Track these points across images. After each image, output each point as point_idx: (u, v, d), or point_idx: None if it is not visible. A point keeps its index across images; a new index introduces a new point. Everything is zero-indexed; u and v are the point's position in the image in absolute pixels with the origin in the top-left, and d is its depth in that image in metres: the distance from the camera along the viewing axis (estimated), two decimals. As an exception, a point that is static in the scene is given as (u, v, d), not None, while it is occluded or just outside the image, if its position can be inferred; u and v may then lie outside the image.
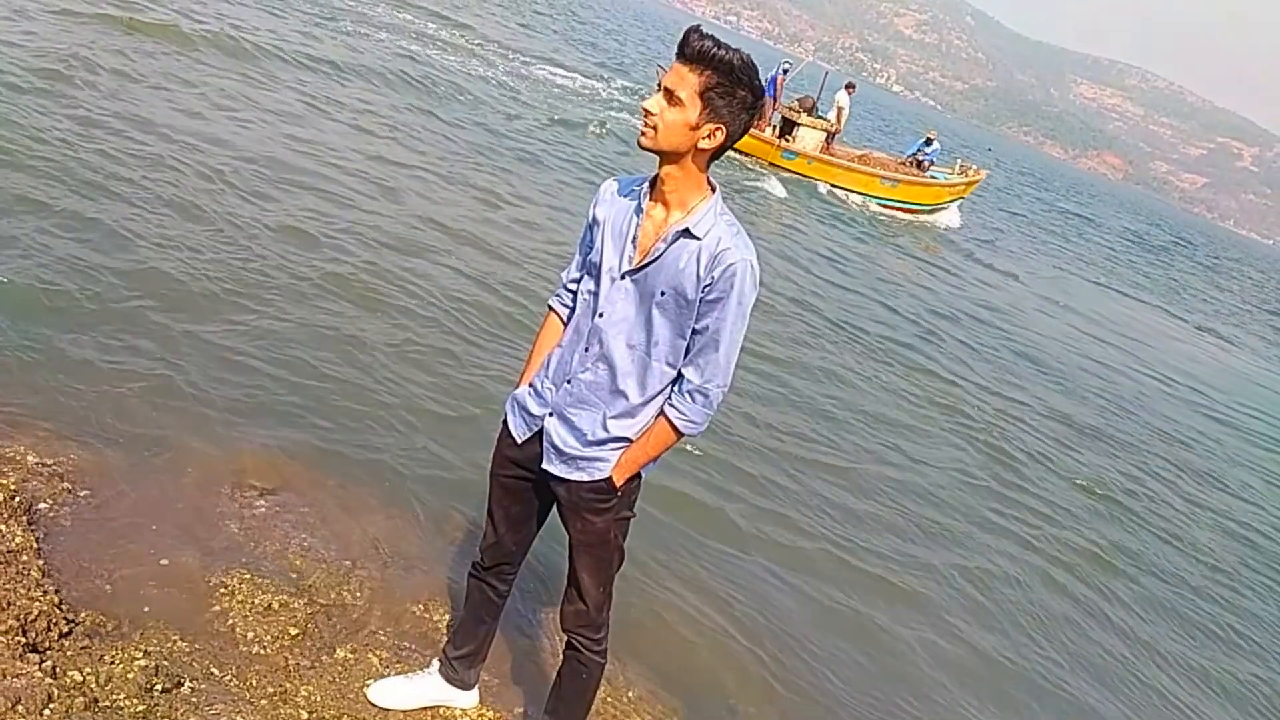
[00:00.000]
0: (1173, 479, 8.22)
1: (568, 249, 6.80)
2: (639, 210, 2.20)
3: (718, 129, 2.08)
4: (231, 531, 3.26)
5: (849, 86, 20.11)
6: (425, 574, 3.44)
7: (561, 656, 2.57)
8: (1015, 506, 6.15)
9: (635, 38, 44.99)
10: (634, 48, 36.55)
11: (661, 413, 2.28)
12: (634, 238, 2.19)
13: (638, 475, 2.36)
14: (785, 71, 19.18)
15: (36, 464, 3.21)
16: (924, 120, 20.40)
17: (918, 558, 4.94)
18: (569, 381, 2.29)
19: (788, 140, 18.72)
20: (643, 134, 2.11)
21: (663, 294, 2.16)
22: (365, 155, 8.63)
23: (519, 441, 2.40)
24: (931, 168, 20.86)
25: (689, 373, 2.23)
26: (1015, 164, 63.22)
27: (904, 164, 20.76)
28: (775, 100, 19.01)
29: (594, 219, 2.29)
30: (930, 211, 20.29)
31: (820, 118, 19.16)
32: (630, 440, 2.30)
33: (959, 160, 22.54)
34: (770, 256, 10.96)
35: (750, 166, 17.88)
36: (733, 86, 2.04)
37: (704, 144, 2.09)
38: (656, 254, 2.16)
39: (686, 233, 2.13)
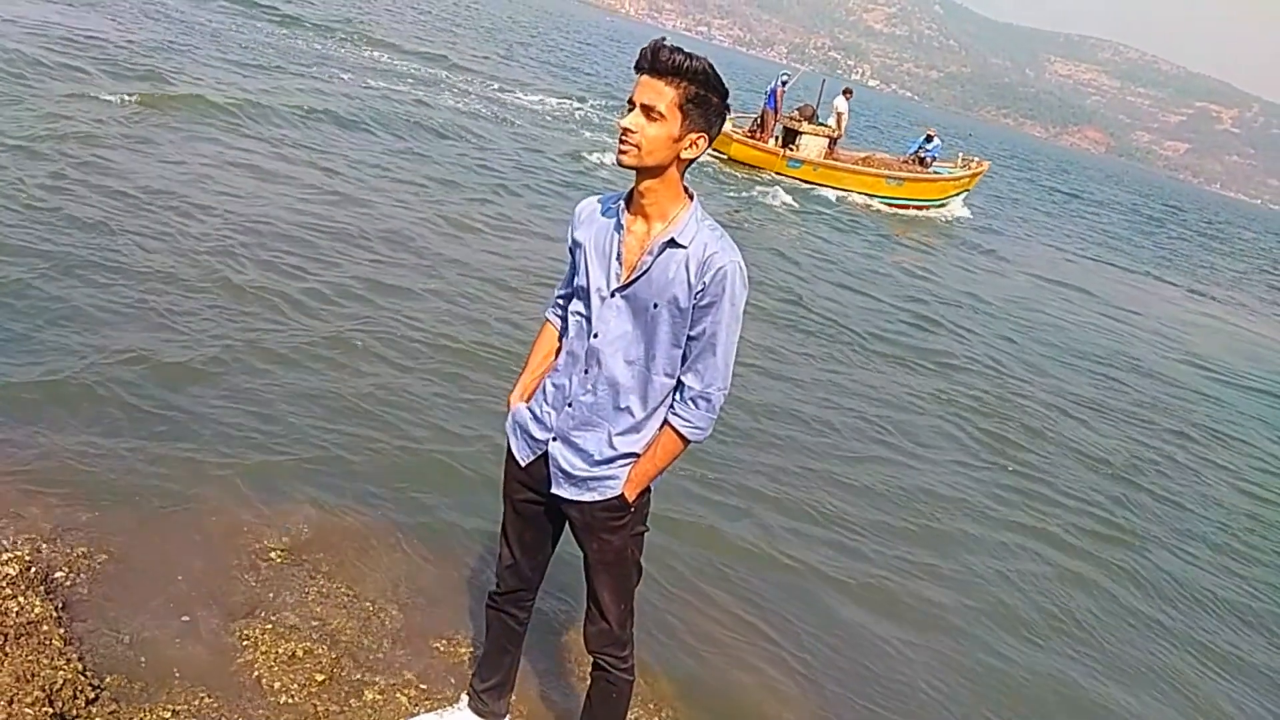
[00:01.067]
0: (1178, 445, 8.18)
1: (555, 271, 6.78)
2: (619, 226, 2.21)
3: (700, 137, 2.11)
4: (249, 583, 3.26)
5: (846, 92, 20.32)
6: (445, 609, 3.43)
7: (589, 678, 2.55)
8: (1022, 495, 6.08)
9: (609, 54, 45.27)
10: (615, 70, 36.69)
11: (666, 423, 2.28)
12: (618, 254, 2.20)
13: (647, 489, 2.36)
14: (784, 83, 19.44)
15: (50, 531, 3.21)
16: (902, 112, 20.51)
17: (931, 561, 4.87)
18: (570, 405, 2.29)
19: (792, 149, 19.02)
20: (623, 152, 2.10)
21: (656, 306, 2.17)
22: (346, 202, 8.65)
23: (523, 464, 2.39)
24: (934, 164, 21.09)
25: (689, 379, 2.23)
26: (998, 147, 63.33)
27: (907, 162, 21.02)
28: (777, 112, 19.28)
29: (574, 241, 2.28)
30: (938, 206, 20.58)
31: (821, 124, 19.45)
32: (638, 455, 2.30)
33: (960, 154, 22.76)
34: (777, 262, 11.00)
35: (757, 178, 18.12)
36: (708, 94, 2.07)
37: (686, 154, 2.12)
38: (644, 268, 2.17)
39: (672, 243, 2.14)
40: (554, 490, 2.34)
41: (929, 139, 21.27)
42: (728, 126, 19.62)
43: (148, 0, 17.35)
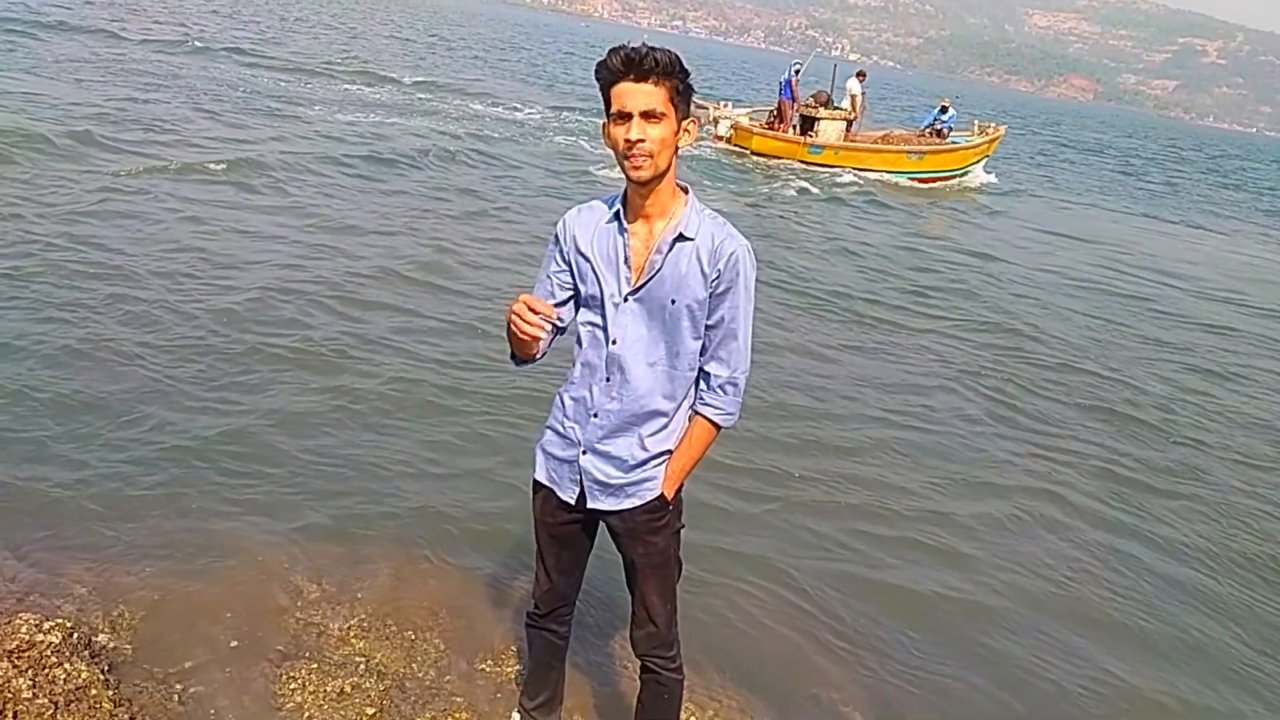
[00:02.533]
0: (1180, 378, 8.10)
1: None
2: (622, 230, 2.19)
3: (690, 123, 2.12)
4: (290, 625, 3.26)
5: (860, 75, 20.58)
6: (487, 629, 3.43)
7: (639, 681, 2.54)
8: (1030, 444, 6.03)
9: (589, 60, 45.27)
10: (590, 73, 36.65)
11: (697, 413, 2.29)
12: (626, 259, 2.18)
13: (681, 484, 2.35)
14: (797, 72, 19.71)
15: (88, 594, 3.22)
16: (889, 83, 20.48)
17: (951, 515, 4.86)
18: (595, 415, 2.26)
19: (811, 136, 19.34)
20: (638, 167, 2.06)
21: (673, 302, 2.16)
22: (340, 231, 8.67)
23: (572, 503, 2.33)
24: (951, 134, 21.18)
25: (714, 368, 2.24)
26: (989, 107, 63.00)
27: (924, 135, 21.19)
28: (794, 101, 19.57)
29: (578, 252, 2.23)
30: (960, 175, 20.79)
31: (837, 108, 19.73)
32: (670, 451, 2.29)
33: (975, 121, 22.80)
34: (796, 244, 10.97)
35: (780, 169, 18.38)
36: (686, 81, 2.09)
37: (682, 142, 2.12)
38: (655, 267, 2.15)
39: (680, 237, 2.14)
40: (591, 505, 2.31)
41: (944, 110, 21.32)
42: (745, 121, 20.10)
43: (119, 60, 17.47)
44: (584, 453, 2.29)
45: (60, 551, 3.45)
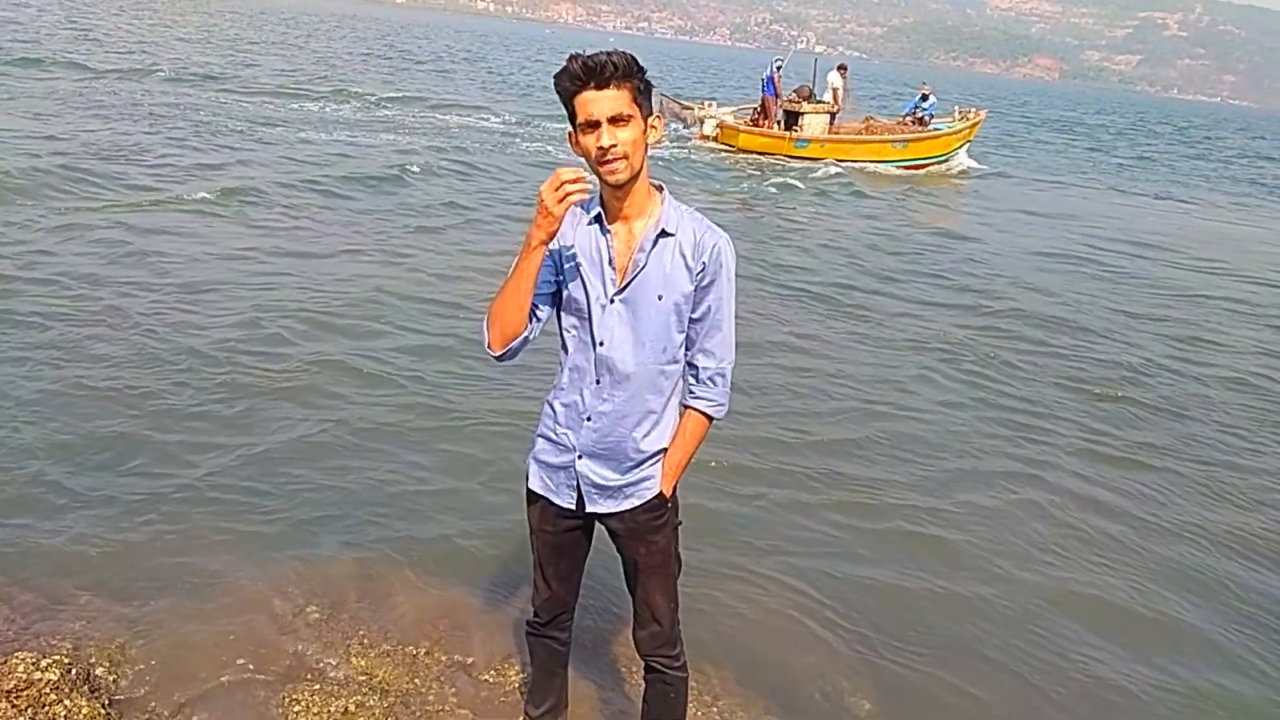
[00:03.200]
0: (1155, 348, 8.17)
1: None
2: (604, 231, 2.19)
3: (656, 119, 2.14)
4: (291, 647, 3.25)
5: (841, 68, 20.83)
6: (488, 638, 3.42)
7: (644, 682, 2.55)
8: (1012, 426, 6.05)
9: (558, 67, 45.12)
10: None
11: (689, 407, 2.31)
12: (610, 260, 2.19)
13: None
14: (779, 69, 19.92)
15: (84, 628, 3.20)
16: (856, 73, 20.48)
17: (938, 504, 4.86)
18: (588, 419, 2.25)
19: (796, 130, 19.60)
20: (614, 171, 2.07)
21: (660, 298, 2.17)
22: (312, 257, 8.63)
23: (571, 508, 2.32)
24: (933, 121, 21.41)
25: (703, 360, 2.26)
26: (957, 91, 63.24)
27: (905, 123, 21.45)
28: (777, 97, 19.85)
29: (561, 249, 2.20)
30: (944, 160, 21.10)
31: (819, 102, 20.01)
32: (665, 448, 2.30)
33: (956, 107, 23.09)
34: (780, 238, 10.99)
35: (769, 165, 18.64)
36: (645, 79, 2.11)
37: (650, 139, 2.13)
38: (640, 265, 2.16)
39: (663, 233, 2.16)
40: (590, 509, 2.31)
41: (924, 98, 21.52)
42: (730, 119, 20.37)
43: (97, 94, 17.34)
44: (579, 457, 2.28)
45: (55, 589, 3.42)
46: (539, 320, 2.25)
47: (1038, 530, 4.73)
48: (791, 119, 19.81)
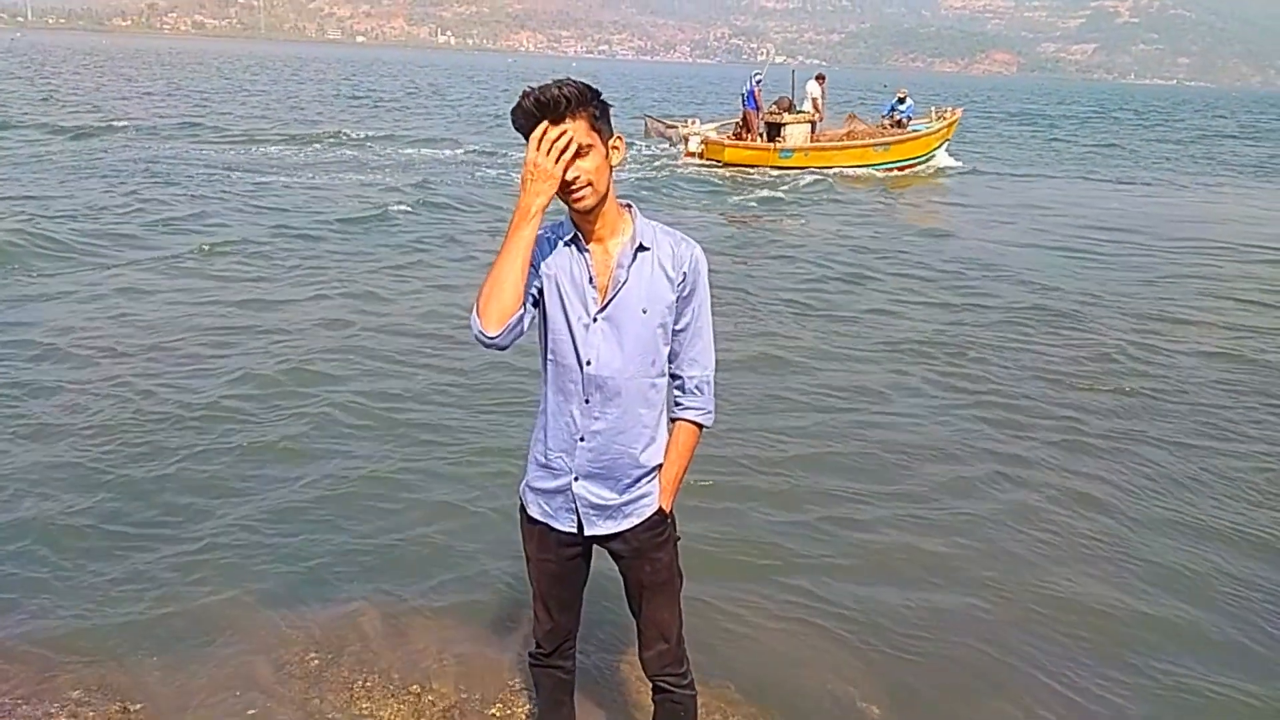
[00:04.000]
0: (1126, 326, 8.25)
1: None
2: (581, 251, 2.19)
3: (616, 140, 2.15)
4: (293, 694, 3.22)
5: (819, 78, 21.22)
6: (492, 673, 3.40)
7: (653, 704, 2.53)
8: (993, 420, 6.06)
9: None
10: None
11: (678, 419, 2.32)
12: (590, 279, 2.19)
13: None
14: (758, 82, 20.23)
15: (81, 697, 3.15)
16: (788, 78, 20.72)
17: (927, 501, 4.86)
18: (582, 439, 2.23)
19: (779, 141, 19.98)
20: (581, 199, 2.09)
21: (644, 312, 2.18)
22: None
23: (573, 532, 2.30)
24: (911, 122, 21.73)
25: (688, 369, 2.29)
26: (918, 91, 63.98)
27: (885, 126, 21.76)
28: (758, 110, 20.23)
29: (544, 267, 2.18)
30: (926, 160, 21.57)
31: (800, 111, 20.39)
32: (659, 464, 2.31)
33: (933, 107, 23.51)
34: (770, 250, 11.05)
35: (755, 177, 18.97)
36: (600, 103, 2.11)
37: (614, 161, 2.14)
38: (620, 281, 2.17)
39: (640, 247, 2.18)
40: (589, 531, 2.29)
41: (901, 100, 21.83)
42: (713, 134, 20.79)
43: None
44: (576, 479, 2.26)
45: (50, 655, 3.37)
46: (529, 313, 2.16)
47: (1026, 530, 4.68)
48: (774, 130, 20.15)
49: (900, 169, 20.78)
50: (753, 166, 19.79)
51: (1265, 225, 15.39)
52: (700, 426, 2.34)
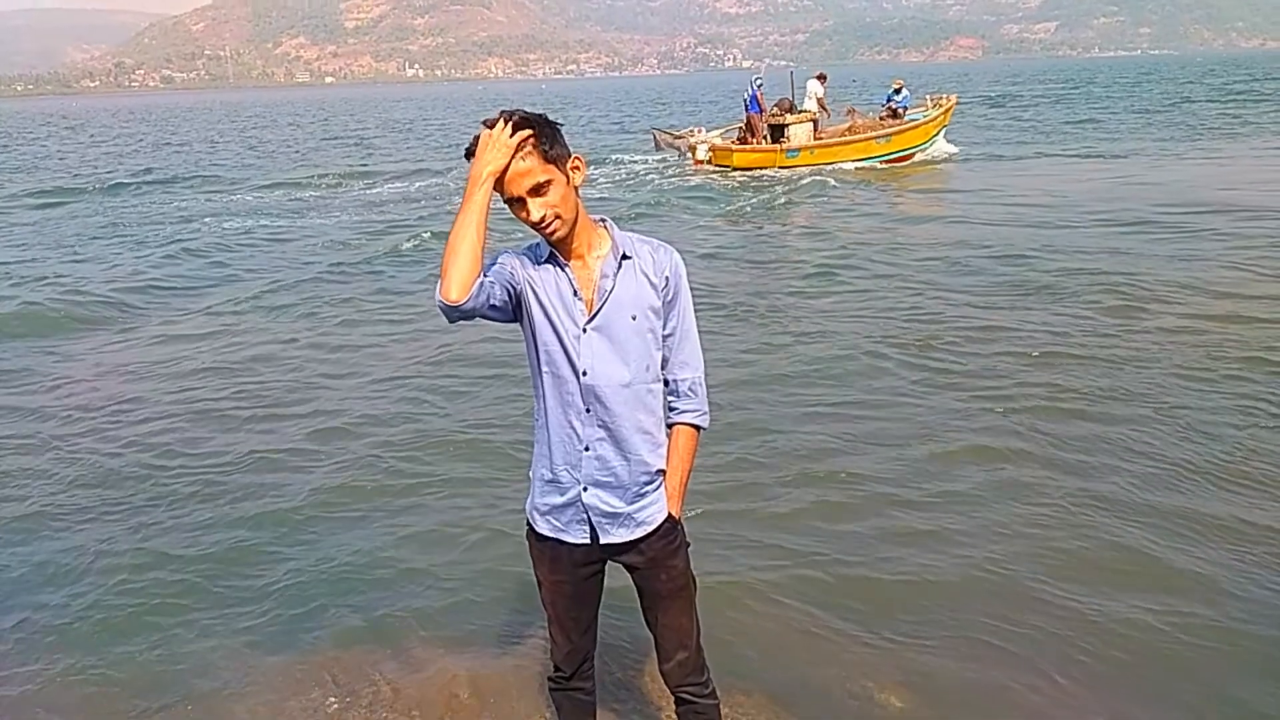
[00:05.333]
0: (1098, 301, 8.22)
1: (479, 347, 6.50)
2: (562, 267, 2.19)
3: (575, 160, 2.15)
4: (313, 743, 3.17)
5: (820, 77, 21.63)
6: (512, 703, 3.36)
7: (676, 716, 2.51)
8: (972, 402, 6.03)
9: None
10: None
11: (676, 424, 2.33)
12: (575, 292, 2.19)
13: None
14: (759, 86, 20.63)
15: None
16: (786, 80, 20.92)
17: (918, 491, 4.84)
18: (586, 449, 2.23)
19: (784, 141, 20.43)
20: (554, 231, 2.11)
21: (634, 319, 2.20)
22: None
23: (587, 543, 2.29)
24: (907, 112, 21.96)
25: (681, 372, 2.31)
26: (886, 86, 64.34)
27: (883, 118, 22.03)
28: (762, 113, 20.63)
29: (528, 282, 2.18)
30: (926, 148, 21.88)
31: (802, 111, 20.82)
32: (663, 470, 2.31)
33: (928, 96, 23.61)
34: (776, 253, 11.10)
35: (763, 179, 19.29)
36: (548, 129, 2.10)
37: (576, 181, 2.15)
38: (607, 291, 2.18)
39: (624, 256, 2.21)
40: (604, 540, 2.28)
41: (897, 91, 22.05)
42: (718, 140, 21.33)
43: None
44: (584, 489, 2.25)
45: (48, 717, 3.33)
46: (499, 288, 2.14)
47: (1018, 503, 4.67)
48: (777, 132, 20.55)
49: (903, 158, 21.14)
50: (762, 168, 20.24)
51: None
52: (698, 429, 2.35)
